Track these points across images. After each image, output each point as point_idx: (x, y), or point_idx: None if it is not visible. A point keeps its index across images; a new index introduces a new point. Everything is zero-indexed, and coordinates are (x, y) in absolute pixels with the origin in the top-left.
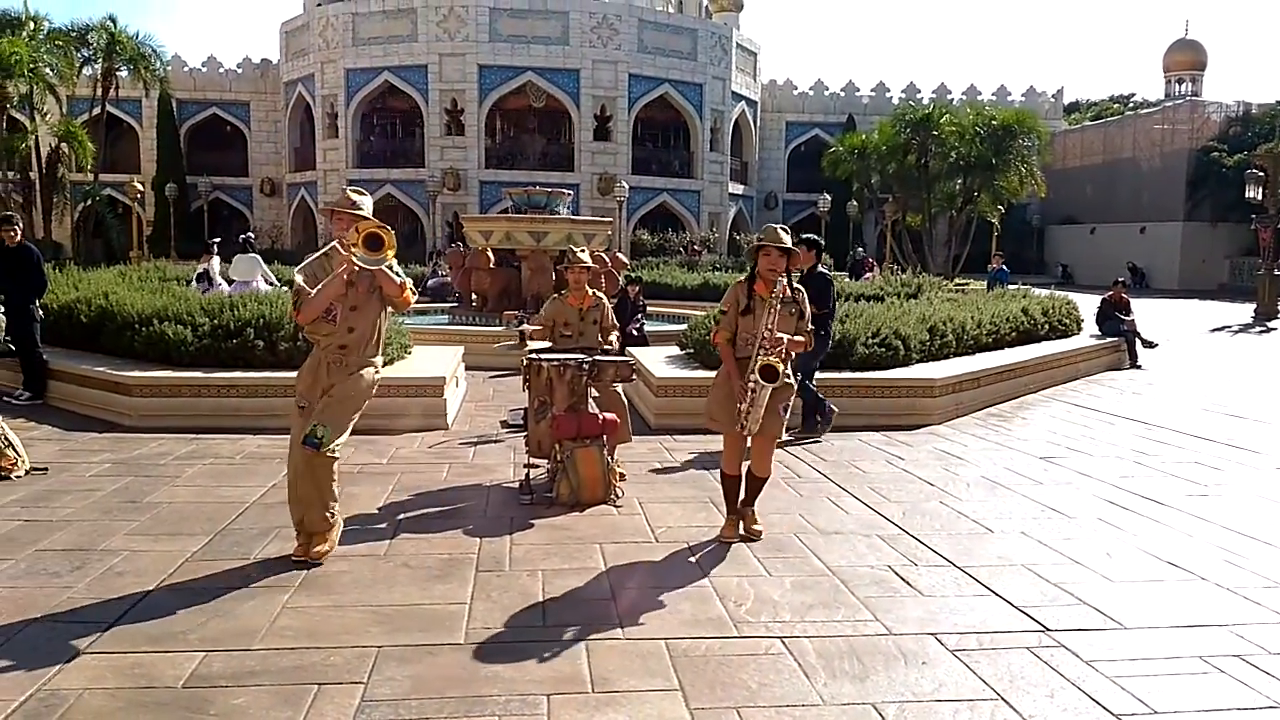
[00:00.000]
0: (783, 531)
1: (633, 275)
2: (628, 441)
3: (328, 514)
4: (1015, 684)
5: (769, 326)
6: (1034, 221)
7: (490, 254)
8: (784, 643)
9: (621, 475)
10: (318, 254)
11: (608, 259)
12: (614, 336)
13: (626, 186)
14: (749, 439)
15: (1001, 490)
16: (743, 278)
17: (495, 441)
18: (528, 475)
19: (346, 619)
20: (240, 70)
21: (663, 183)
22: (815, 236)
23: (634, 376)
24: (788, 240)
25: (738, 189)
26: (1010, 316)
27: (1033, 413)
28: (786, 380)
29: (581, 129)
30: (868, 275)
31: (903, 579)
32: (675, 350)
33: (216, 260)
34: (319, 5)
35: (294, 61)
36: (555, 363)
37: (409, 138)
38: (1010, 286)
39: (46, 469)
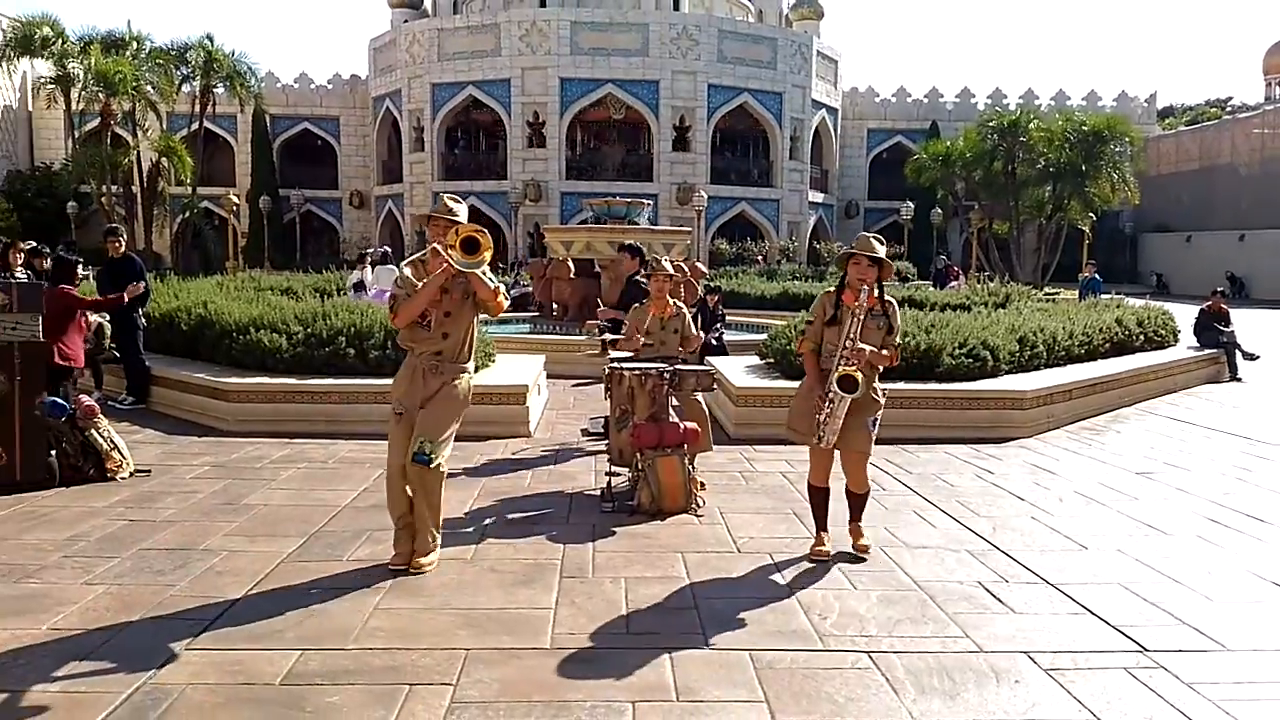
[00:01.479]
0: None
1: (712, 284)
2: (708, 451)
3: (435, 528)
4: (1112, 706)
5: (850, 336)
6: (1127, 229)
7: (570, 264)
8: (871, 657)
9: (702, 485)
10: (408, 260)
11: (686, 268)
12: (694, 346)
13: (705, 196)
14: (835, 452)
15: (1096, 506)
16: (832, 288)
17: (576, 449)
18: (609, 483)
19: (436, 621)
20: (330, 86)
21: (741, 191)
22: (635, 243)
23: (715, 386)
24: (880, 250)
25: (818, 197)
26: (1103, 327)
27: (1127, 426)
28: (873, 397)
29: (660, 139)
30: (953, 284)
31: (993, 595)
32: (755, 360)
33: (369, 270)
34: (405, 22)
35: (382, 77)
36: (637, 372)
37: (492, 150)
38: (1103, 296)
39: (149, 471)
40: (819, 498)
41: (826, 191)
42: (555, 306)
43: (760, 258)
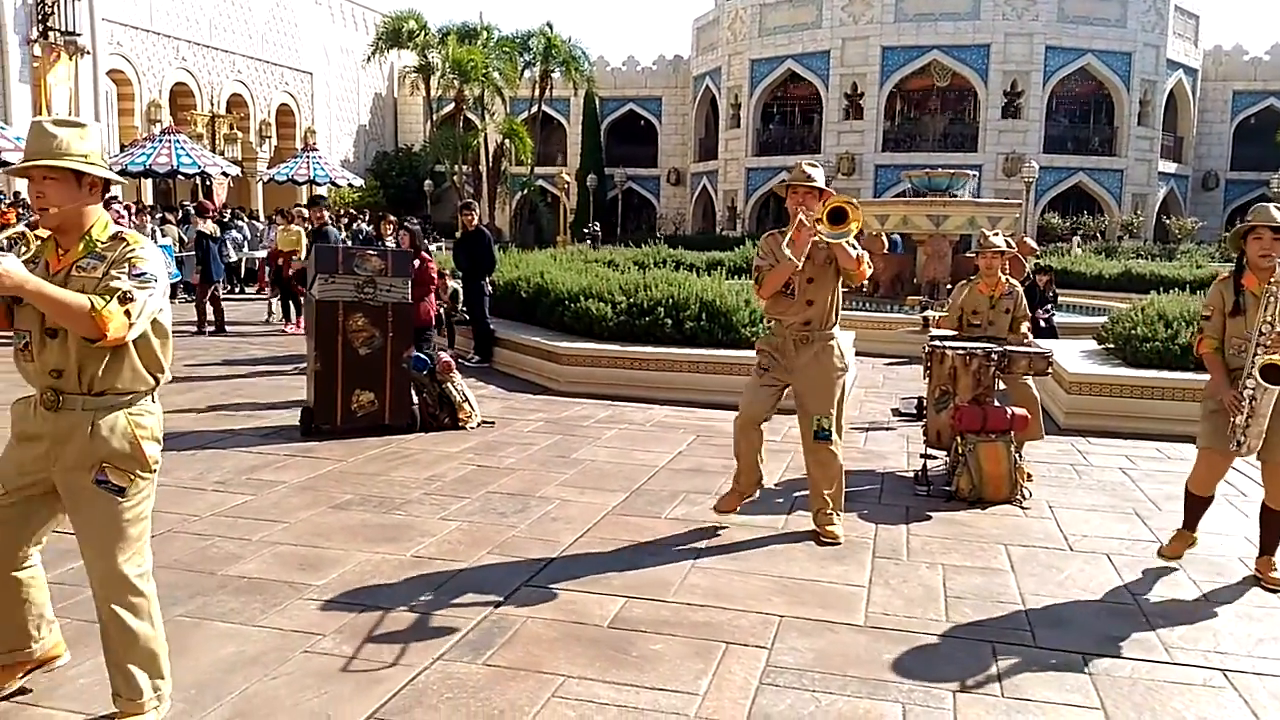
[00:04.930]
0: (1223, 554)
1: (1042, 263)
2: (1038, 439)
3: (836, 501)
4: None
5: (1270, 319)
6: None
7: (885, 239)
8: (1226, 676)
9: (1029, 475)
10: (768, 232)
11: (1014, 245)
12: (1025, 327)
13: (1036, 166)
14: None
15: None
16: (1225, 273)
17: (887, 429)
18: (924, 466)
19: (749, 585)
20: (655, 67)
21: (1078, 161)
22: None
23: (1049, 369)
24: None
25: (1169, 167)
26: None
27: None
28: None
29: (988, 106)
30: None
31: None
32: (1092, 344)
33: None
34: (727, 0)
35: (703, 56)
36: (961, 351)
37: (806, 124)
38: None
39: (493, 423)
40: (1197, 506)
41: (1180, 161)
42: (866, 282)
43: (1098, 234)
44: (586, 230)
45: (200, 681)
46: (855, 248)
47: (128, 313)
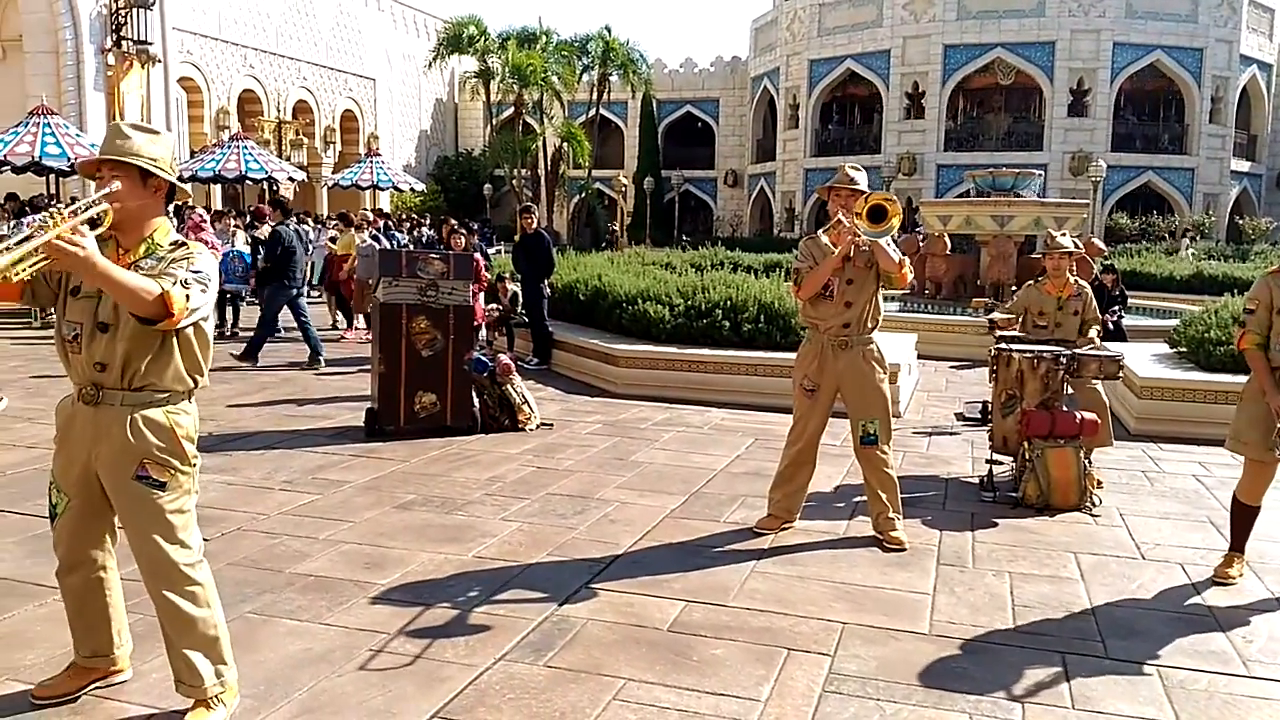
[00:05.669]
0: None
1: (1109, 263)
2: (1108, 445)
3: (895, 506)
4: None
5: None
6: None
7: (947, 240)
8: None
9: (1099, 482)
10: (809, 235)
11: (1080, 245)
12: (1095, 330)
13: (1104, 165)
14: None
15: None
16: (1276, 266)
17: (950, 434)
18: (990, 472)
19: (810, 591)
20: (712, 69)
21: (1147, 160)
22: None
23: (1120, 373)
24: None
25: (1242, 166)
26: None
27: None
28: None
29: (1054, 105)
30: None
31: None
32: (1163, 348)
33: None
34: (786, 0)
35: (761, 57)
36: (1029, 354)
37: (866, 124)
38: None
39: (552, 425)
40: (1244, 516)
41: (1253, 160)
42: (928, 284)
43: (1168, 234)
44: (606, 237)
45: (269, 678)
46: (897, 250)
47: (187, 297)
